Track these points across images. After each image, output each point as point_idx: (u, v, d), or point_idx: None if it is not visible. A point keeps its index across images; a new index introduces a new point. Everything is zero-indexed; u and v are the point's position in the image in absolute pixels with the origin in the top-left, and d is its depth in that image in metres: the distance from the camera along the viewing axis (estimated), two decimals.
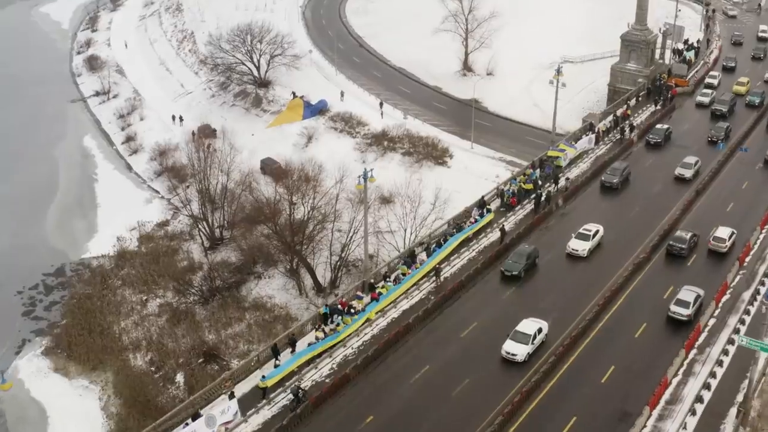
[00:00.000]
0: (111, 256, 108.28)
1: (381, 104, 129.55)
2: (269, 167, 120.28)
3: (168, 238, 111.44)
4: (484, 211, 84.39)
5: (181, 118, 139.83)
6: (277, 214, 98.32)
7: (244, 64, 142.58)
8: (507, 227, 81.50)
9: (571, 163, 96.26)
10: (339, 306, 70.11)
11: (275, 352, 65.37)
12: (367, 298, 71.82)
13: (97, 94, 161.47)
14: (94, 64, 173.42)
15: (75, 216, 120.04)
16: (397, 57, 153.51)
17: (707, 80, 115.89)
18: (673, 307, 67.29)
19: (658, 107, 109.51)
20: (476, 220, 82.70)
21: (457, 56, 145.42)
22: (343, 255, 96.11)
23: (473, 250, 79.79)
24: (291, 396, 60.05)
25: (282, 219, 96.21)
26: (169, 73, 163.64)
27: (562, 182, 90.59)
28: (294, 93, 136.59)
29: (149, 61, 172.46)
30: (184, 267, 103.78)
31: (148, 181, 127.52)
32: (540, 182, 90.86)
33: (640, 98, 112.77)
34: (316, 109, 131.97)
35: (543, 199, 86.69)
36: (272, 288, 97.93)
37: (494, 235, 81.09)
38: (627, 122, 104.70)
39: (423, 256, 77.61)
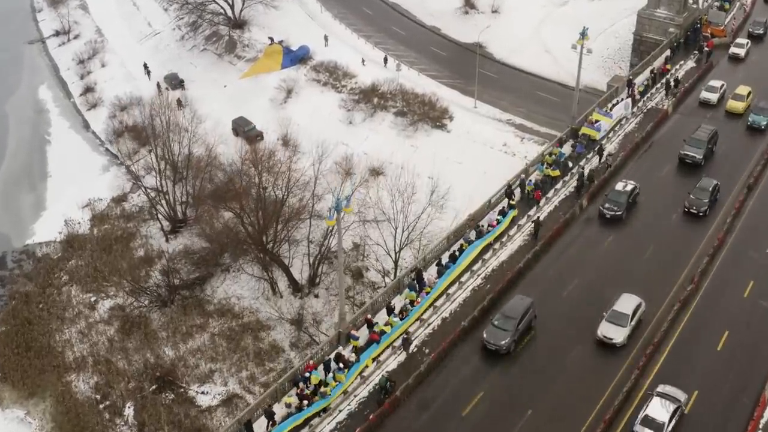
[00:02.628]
0: (59, 242, 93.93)
1: (386, 60, 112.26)
2: (242, 129, 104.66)
3: (125, 218, 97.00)
4: (506, 207, 69.12)
5: (147, 69, 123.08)
6: (246, 197, 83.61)
7: (215, 2, 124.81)
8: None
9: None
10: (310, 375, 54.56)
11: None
12: (362, 337, 57.31)
13: (57, 33, 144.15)
14: None
15: (22, 189, 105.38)
16: None
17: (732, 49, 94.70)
18: None
19: (695, 63, 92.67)
20: (498, 222, 67.53)
21: None
22: (324, 246, 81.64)
23: (498, 257, 64.90)
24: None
25: (251, 204, 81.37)
26: (136, 8, 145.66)
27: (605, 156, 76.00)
28: (272, 38, 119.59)
29: None
30: (141, 258, 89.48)
31: (107, 143, 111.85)
32: (569, 164, 75.31)
33: (674, 52, 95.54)
34: (297, 57, 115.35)
35: (586, 179, 72.06)
36: (241, 285, 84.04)
37: (519, 234, 66.69)
38: (667, 79, 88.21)
39: (433, 272, 63.00)
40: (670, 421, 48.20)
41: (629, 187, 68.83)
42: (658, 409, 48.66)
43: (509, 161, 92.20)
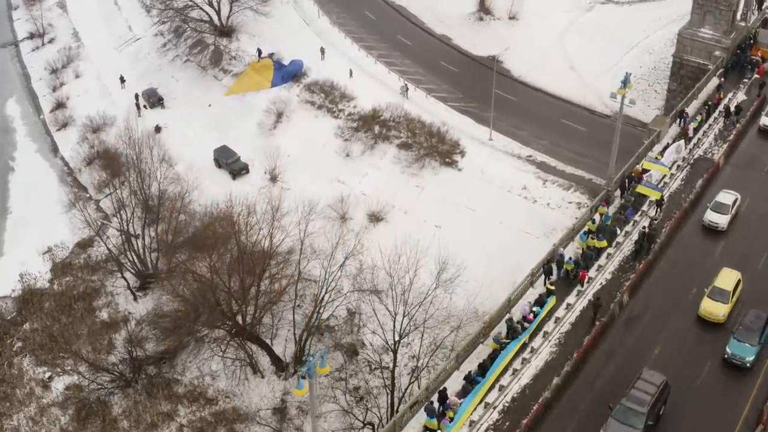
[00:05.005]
0: (14, 297, 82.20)
1: (405, 88, 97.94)
2: (225, 161, 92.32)
3: (89, 268, 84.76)
4: (544, 295, 56.64)
5: (123, 80, 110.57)
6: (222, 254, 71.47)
7: (200, 8, 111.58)
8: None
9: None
10: None
11: None
12: None
13: (31, 36, 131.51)
14: None
15: None
16: None
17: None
18: None
19: (745, 95, 79.42)
20: (534, 315, 55.02)
21: None
22: (312, 321, 69.42)
23: (538, 356, 52.37)
24: None
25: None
26: (117, 8, 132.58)
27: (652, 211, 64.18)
28: (260, 50, 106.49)
29: None
30: (104, 322, 77.65)
31: (75, 172, 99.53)
32: (617, 229, 62.78)
33: (722, 78, 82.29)
34: (289, 74, 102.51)
35: (645, 239, 60.37)
36: (217, 361, 71.73)
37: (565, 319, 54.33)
38: (726, 106, 75.91)
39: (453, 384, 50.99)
40: None
41: None
42: None
43: (530, 209, 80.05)
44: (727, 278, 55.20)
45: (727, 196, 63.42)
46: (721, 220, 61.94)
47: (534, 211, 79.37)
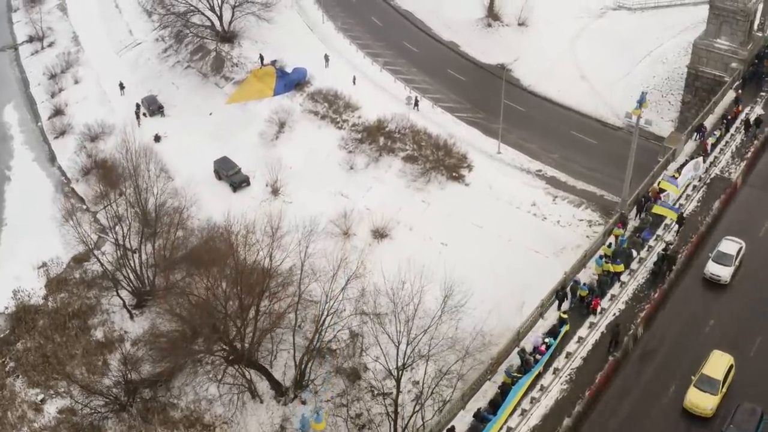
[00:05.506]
0: (7, 314, 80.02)
1: (415, 101, 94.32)
2: (225, 173, 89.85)
3: (85, 284, 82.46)
4: (558, 325, 54.07)
5: (122, 87, 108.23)
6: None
7: (201, 13, 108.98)
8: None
9: None
10: None
11: None
12: None
13: (31, 39, 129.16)
14: None
15: None
16: None
17: None
18: None
19: (762, 110, 76.57)
20: (547, 346, 52.45)
21: None
22: (312, 344, 66.88)
23: (548, 394, 49.54)
24: None
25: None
26: (118, 11, 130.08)
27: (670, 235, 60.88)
28: (262, 57, 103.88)
29: None
30: (99, 342, 75.29)
31: (73, 182, 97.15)
32: (633, 251, 59.94)
33: (739, 91, 79.46)
34: (292, 82, 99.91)
35: (664, 262, 57.57)
36: (214, 386, 69.13)
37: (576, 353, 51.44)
38: (747, 117, 73.29)
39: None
40: None
41: None
42: None
43: (539, 227, 77.38)
44: (717, 364, 48.33)
45: (730, 245, 57.79)
46: (724, 273, 56.45)
47: (543, 229, 76.67)
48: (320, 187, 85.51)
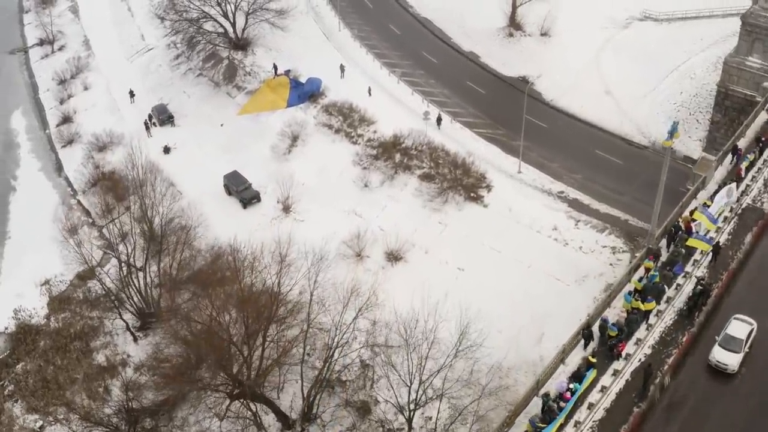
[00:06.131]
0: (7, 334, 77.49)
1: (438, 119, 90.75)
2: (235, 188, 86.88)
3: (88, 303, 79.61)
4: (583, 368, 50.45)
5: (132, 94, 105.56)
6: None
7: (214, 20, 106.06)
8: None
9: None
10: None
11: None
12: None
13: (41, 43, 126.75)
14: None
15: None
16: (424, 1, 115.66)
17: None
18: None
19: None
20: (572, 392, 48.69)
21: (501, 7, 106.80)
22: (321, 376, 63.76)
23: None
24: None
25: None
26: (130, 14, 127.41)
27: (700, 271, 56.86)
28: (276, 66, 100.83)
29: None
30: (100, 366, 72.58)
31: (79, 194, 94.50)
32: (664, 286, 56.21)
33: None
34: (306, 93, 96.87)
35: (699, 296, 53.87)
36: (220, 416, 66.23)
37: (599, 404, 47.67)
38: None
39: None
40: None
41: None
42: None
43: (560, 252, 73.89)
44: None
45: (739, 327, 50.89)
46: (731, 361, 49.59)
47: (565, 255, 73.20)
48: (333, 205, 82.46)
